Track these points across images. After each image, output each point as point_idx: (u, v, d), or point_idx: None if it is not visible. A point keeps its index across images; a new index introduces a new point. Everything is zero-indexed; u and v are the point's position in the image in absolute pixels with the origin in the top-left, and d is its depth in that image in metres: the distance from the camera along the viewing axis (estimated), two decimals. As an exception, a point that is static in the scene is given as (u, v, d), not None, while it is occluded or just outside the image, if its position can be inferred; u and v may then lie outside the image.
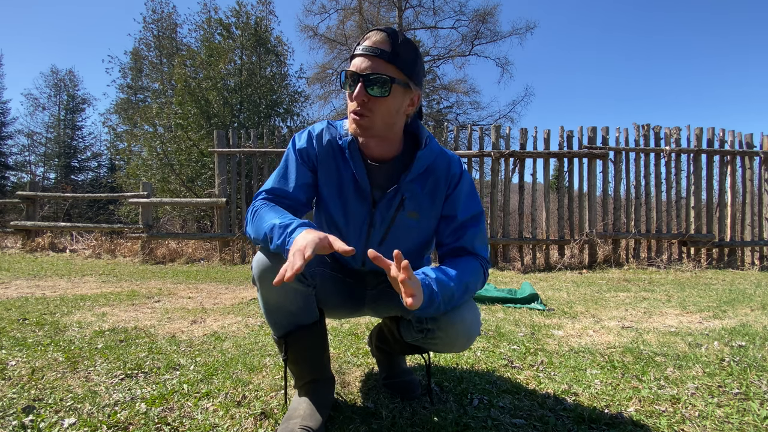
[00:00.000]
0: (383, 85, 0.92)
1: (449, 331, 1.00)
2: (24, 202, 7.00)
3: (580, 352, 1.72)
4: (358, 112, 0.95)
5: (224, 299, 3.02)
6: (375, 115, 0.95)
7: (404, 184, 1.04)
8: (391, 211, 1.06)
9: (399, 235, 1.08)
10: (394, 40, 0.92)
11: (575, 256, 5.53)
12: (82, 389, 1.26)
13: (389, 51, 0.92)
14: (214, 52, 11.23)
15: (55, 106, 21.89)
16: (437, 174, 1.06)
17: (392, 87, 0.93)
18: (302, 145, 1.08)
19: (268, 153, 6.05)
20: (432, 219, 1.10)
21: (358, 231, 1.09)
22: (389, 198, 1.05)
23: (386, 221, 1.07)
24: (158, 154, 10.61)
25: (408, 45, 0.94)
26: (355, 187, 1.06)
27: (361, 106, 0.94)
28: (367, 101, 0.93)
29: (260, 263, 0.97)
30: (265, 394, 1.25)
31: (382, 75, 0.91)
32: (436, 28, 18.51)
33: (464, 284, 0.98)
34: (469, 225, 1.07)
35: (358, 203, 1.07)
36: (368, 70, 0.92)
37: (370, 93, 0.93)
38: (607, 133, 5.72)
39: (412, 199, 1.05)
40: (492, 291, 3.05)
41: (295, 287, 0.99)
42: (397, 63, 0.92)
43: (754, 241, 5.79)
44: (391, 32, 0.93)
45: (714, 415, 1.13)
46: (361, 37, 0.96)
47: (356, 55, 0.94)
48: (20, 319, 2.17)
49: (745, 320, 2.34)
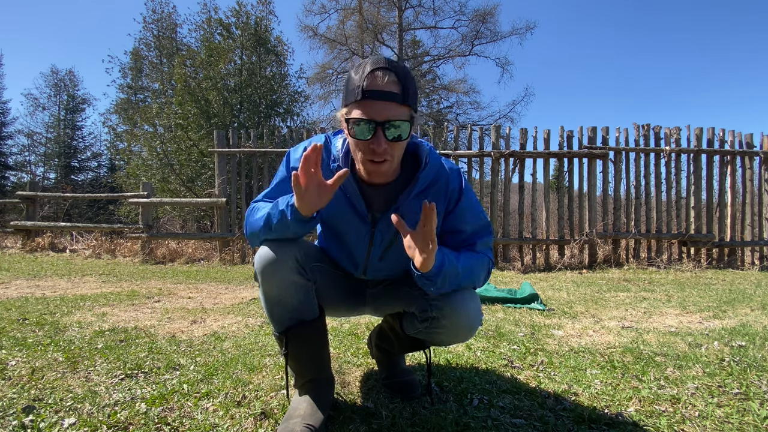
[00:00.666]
0: (402, 129, 0.90)
1: (453, 319, 1.02)
2: (24, 202, 7.00)
3: (580, 352, 1.72)
4: (379, 160, 0.92)
5: (224, 299, 3.02)
6: (394, 158, 0.94)
7: (403, 205, 1.03)
8: (391, 232, 1.06)
9: (400, 250, 1.07)
10: (401, 77, 0.89)
11: (575, 256, 5.53)
12: (82, 389, 1.26)
13: (401, 93, 0.88)
14: (214, 52, 11.22)
15: (55, 106, 21.88)
16: (436, 187, 1.06)
17: (408, 131, 0.92)
18: (297, 164, 1.04)
19: (268, 153, 6.05)
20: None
21: (359, 246, 1.10)
22: (388, 219, 1.04)
23: (386, 239, 1.08)
24: (158, 154, 10.62)
25: (408, 76, 0.91)
26: (352, 209, 1.05)
27: (382, 153, 0.91)
28: (387, 148, 0.91)
29: (262, 258, 0.99)
30: (265, 394, 1.25)
31: (402, 121, 0.89)
32: (436, 28, 18.54)
33: (470, 268, 1.01)
34: (477, 235, 1.09)
35: (357, 223, 1.07)
36: (387, 116, 0.88)
37: (390, 139, 0.90)
38: (607, 133, 5.72)
39: (411, 217, 1.04)
40: (492, 291, 3.04)
41: (295, 280, 1.01)
42: (409, 102, 0.90)
43: (754, 241, 5.79)
44: (395, 68, 0.89)
45: (714, 415, 1.13)
46: (359, 70, 0.90)
47: (367, 97, 0.88)
48: (20, 319, 2.17)
49: (745, 320, 2.34)
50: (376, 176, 0.97)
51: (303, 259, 1.02)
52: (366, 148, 0.92)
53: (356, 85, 0.89)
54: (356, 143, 0.93)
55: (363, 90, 0.87)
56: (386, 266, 1.14)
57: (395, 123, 0.88)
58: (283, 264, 0.98)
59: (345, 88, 0.93)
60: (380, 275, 1.18)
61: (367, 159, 0.93)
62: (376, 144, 0.89)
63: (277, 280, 0.99)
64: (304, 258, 1.03)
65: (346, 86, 0.93)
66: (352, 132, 0.91)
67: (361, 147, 0.93)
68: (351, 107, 0.91)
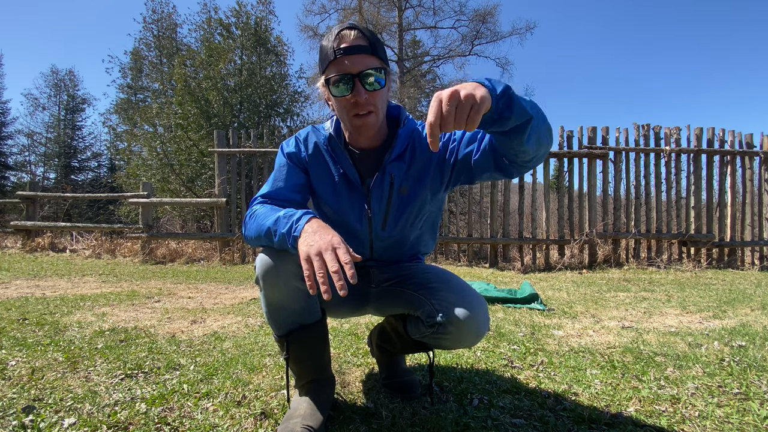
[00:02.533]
0: (378, 77, 0.95)
1: (461, 326, 1.00)
2: (24, 202, 7.00)
3: (580, 352, 1.72)
4: (363, 111, 0.97)
5: (224, 299, 3.02)
6: (378, 108, 0.99)
7: (389, 165, 1.08)
8: (385, 195, 1.09)
9: (398, 216, 1.11)
10: (366, 33, 0.95)
11: (575, 256, 5.53)
12: (82, 389, 1.26)
13: (368, 44, 0.94)
14: (214, 52, 11.23)
15: (55, 106, 21.88)
16: (417, 143, 1.10)
17: (385, 80, 0.97)
18: (291, 150, 1.13)
19: (268, 153, 6.05)
20: (421, 187, 1.11)
21: (359, 221, 1.12)
22: (378, 183, 1.08)
23: (383, 205, 1.10)
24: (158, 154, 10.62)
25: (374, 34, 0.97)
26: (346, 181, 1.10)
27: (364, 104, 0.96)
28: (368, 98, 0.96)
29: (264, 263, 0.97)
30: (265, 394, 1.25)
31: (374, 68, 0.94)
32: (436, 28, 18.50)
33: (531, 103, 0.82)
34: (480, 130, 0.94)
35: (352, 195, 1.11)
36: (361, 67, 0.93)
37: (369, 89, 0.95)
38: (607, 133, 5.72)
39: (400, 176, 1.09)
40: (492, 291, 3.04)
41: (298, 286, 0.99)
42: (377, 53, 0.96)
43: (754, 241, 5.79)
44: (360, 28, 0.96)
45: (714, 415, 1.13)
46: (328, 36, 0.95)
47: (337, 57, 0.93)
48: (20, 319, 2.17)
49: (745, 320, 2.34)
50: (365, 129, 1.02)
51: None
52: (348, 103, 0.97)
53: (328, 48, 0.95)
54: (339, 103, 0.98)
55: (334, 50, 0.93)
56: (392, 236, 1.14)
57: (369, 72, 0.94)
58: (286, 269, 0.96)
59: (319, 57, 0.99)
60: (387, 254, 1.18)
61: (352, 115, 0.98)
62: (358, 95, 0.94)
63: (279, 285, 0.97)
64: None
65: (319, 55, 0.99)
66: (333, 92, 0.97)
67: (344, 104, 0.98)
68: (327, 71, 0.96)
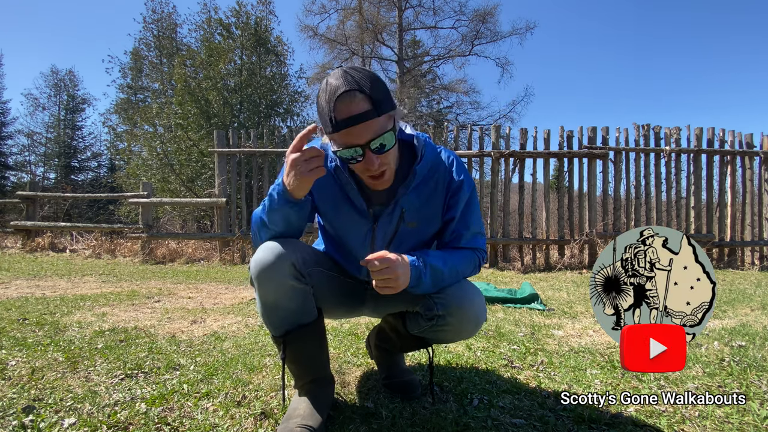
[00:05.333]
0: (386, 139, 0.91)
1: (460, 316, 1.02)
2: (24, 202, 7.00)
3: (580, 352, 1.72)
4: (378, 173, 0.95)
5: (224, 299, 3.02)
6: (391, 164, 0.97)
7: (402, 198, 1.05)
8: (393, 225, 1.07)
9: (400, 244, 1.09)
10: (367, 90, 0.86)
11: (575, 256, 5.52)
12: (82, 389, 1.26)
13: (372, 108, 0.87)
14: (214, 52, 11.22)
15: (55, 106, 21.85)
16: (435, 179, 1.08)
17: (393, 135, 0.93)
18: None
19: (268, 153, 6.05)
20: (431, 224, 1.11)
21: (361, 244, 1.11)
22: (389, 213, 1.07)
23: (388, 234, 1.08)
24: (158, 154, 10.61)
25: (374, 83, 0.88)
26: (352, 206, 1.08)
27: (378, 166, 0.93)
28: (381, 160, 0.93)
29: (258, 263, 0.97)
30: (265, 394, 1.25)
31: (382, 134, 0.89)
32: (436, 28, 18.50)
33: (454, 268, 1.05)
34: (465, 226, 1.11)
35: (358, 219, 1.08)
36: (369, 136, 0.88)
37: (379, 153, 0.92)
38: (607, 133, 5.72)
39: (411, 210, 1.06)
40: (492, 291, 3.04)
41: (293, 285, 0.99)
42: (381, 111, 0.89)
43: (754, 241, 5.79)
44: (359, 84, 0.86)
45: (714, 415, 1.13)
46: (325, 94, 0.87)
47: (341, 127, 0.87)
48: (20, 319, 2.17)
49: (745, 320, 2.34)
50: (380, 186, 1.01)
51: (300, 263, 1.00)
52: (360, 167, 0.95)
53: (327, 117, 0.88)
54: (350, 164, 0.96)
55: (335, 123, 0.87)
56: None
57: (377, 139, 0.89)
58: (280, 268, 0.96)
59: (318, 113, 0.93)
60: None
61: (366, 176, 0.97)
62: (369, 164, 0.92)
63: (273, 285, 0.97)
64: (302, 261, 1.01)
65: (318, 111, 0.92)
66: (342, 157, 0.93)
67: (356, 167, 0.96)
68: (330, 137, 0.92)
